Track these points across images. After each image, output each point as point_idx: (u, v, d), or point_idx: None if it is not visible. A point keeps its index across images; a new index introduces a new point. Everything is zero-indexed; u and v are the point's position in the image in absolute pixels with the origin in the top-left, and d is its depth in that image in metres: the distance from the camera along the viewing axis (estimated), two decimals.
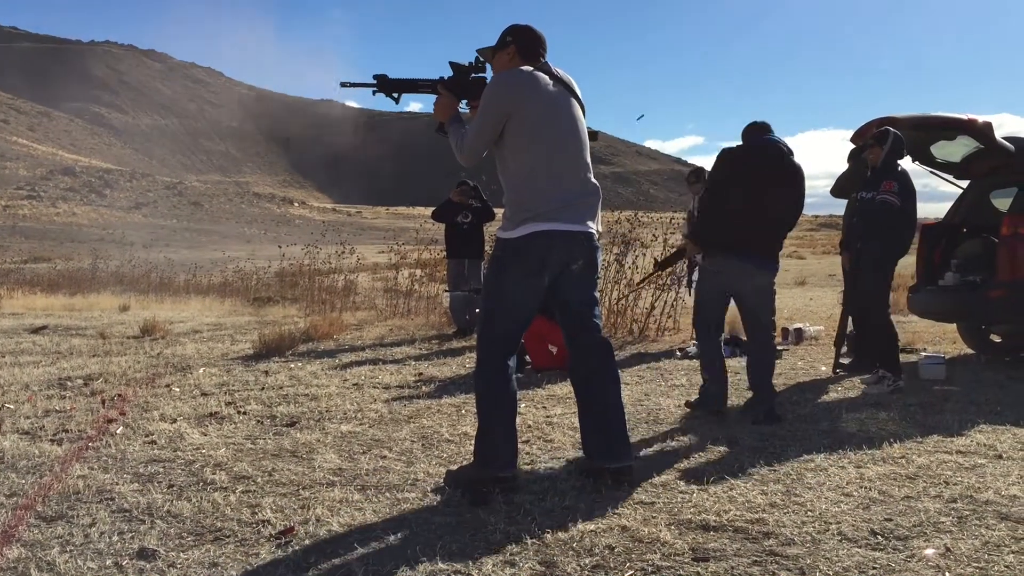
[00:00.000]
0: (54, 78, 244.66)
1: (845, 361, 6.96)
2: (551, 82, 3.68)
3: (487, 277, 3.78)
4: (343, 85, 4.34)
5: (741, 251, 5.13)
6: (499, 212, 10.43)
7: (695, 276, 8.39)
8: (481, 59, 3.92)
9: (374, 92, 4.15)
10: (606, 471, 3.67)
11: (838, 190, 7.32)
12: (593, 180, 3.77)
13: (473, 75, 3.93)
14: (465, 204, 9.93)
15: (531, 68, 3.67)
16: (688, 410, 5.33)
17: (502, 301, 3.68)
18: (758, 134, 5.34)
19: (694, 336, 8.50)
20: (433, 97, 3.95)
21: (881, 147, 6.17)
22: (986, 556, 2.87)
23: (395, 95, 4.15)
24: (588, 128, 3.85)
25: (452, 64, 3.94)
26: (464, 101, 3.92)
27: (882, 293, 6.17)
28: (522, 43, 3.75)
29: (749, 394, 5.34)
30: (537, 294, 3.69)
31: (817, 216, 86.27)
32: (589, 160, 3.79)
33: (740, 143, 5.42)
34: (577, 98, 3.79)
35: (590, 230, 3.70)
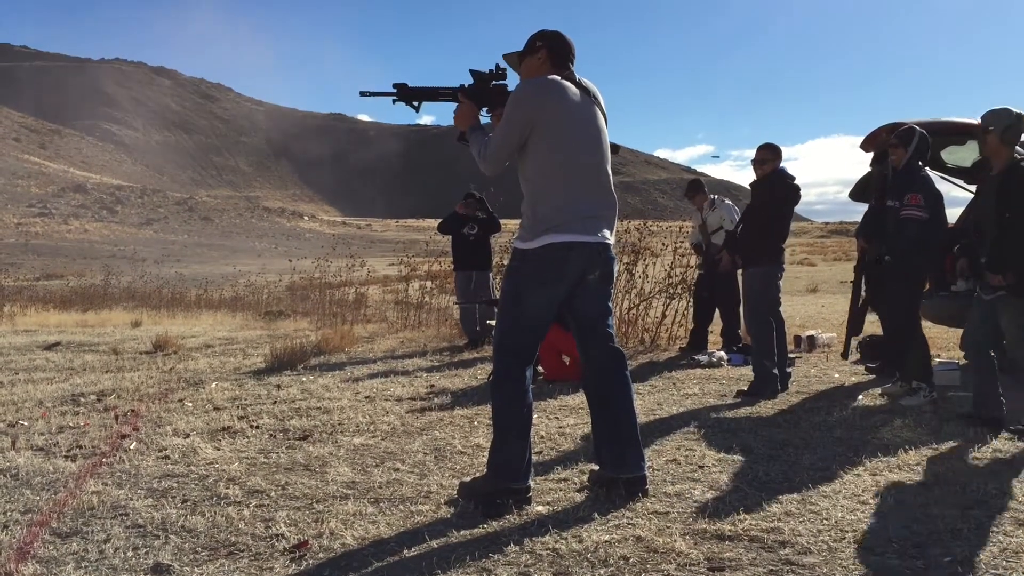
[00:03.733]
0: (65, 96, 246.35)
1: (872, 365, 6.98)
2: (577, 92, 3.65)
3: (504, 288, 3.76)
4: (363, 95, 4.29)
5: (782, 259, 6.49)
6: (505, 222, 10.46)
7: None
8: (502, 67, 3.87)
9: (394, 101, 4.08)
10: (620, 481, 3.65)
11: (857, 193, 7.28)
12: (612, 192, 3.76)
13: (494, 83, 3.88)
14: (471, 216, 9.96)
15: (558, 77, 3.64)
16: (739, 399, 5.99)
17: (520, 312, 3.66)
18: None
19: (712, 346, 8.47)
20: (453, 106, 3.91)
21: (906, 148, 5.78)
22: (1004, 563, 2.85)
23: (415, 104, 4.12)
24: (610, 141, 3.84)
25: (472, 72, 3.88)
26: (484, 109, 3.87)
27: (914, 306, 5.93)
28: (553, 49, 3.70)
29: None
30: (554, 305, 3.68)
31: (827, 223, 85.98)
32: (610, 172, 3.77)
33: (780, 169, 6.46)
34: (601, 108, 3.76)
35: (607, 241, 3.68)
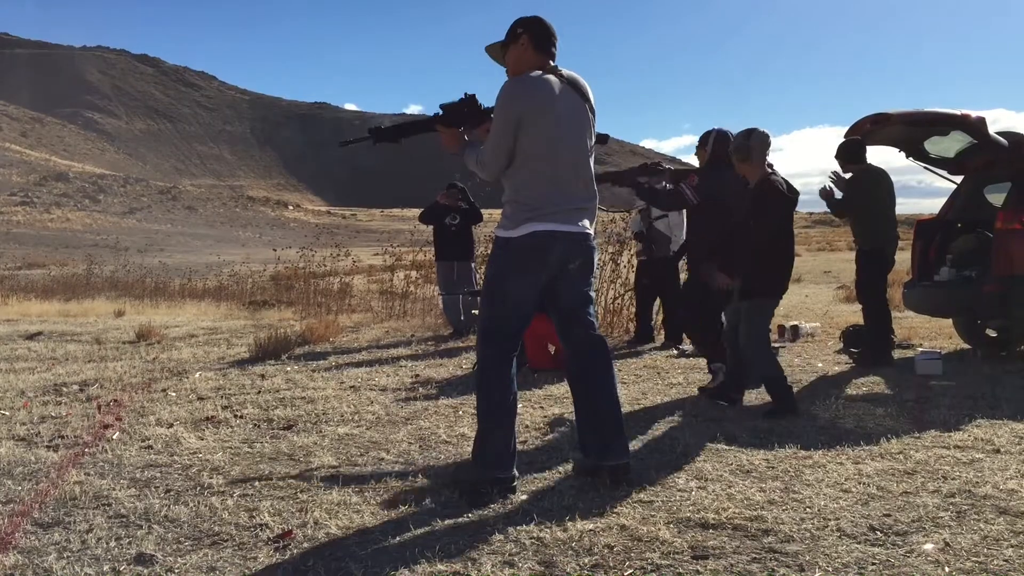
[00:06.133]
0: (47, 84, 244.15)
1: (855, 351, 7.03)
2: (561, 86, 3.64)
3: (487, 277, 3.77)
4: (342, 145, 4.39)
5: None
6: (489, 212, 10.44)
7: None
8: (471, 93, 3.89)
9: (373, 143, 4.15)
10: (604, 469, 3.66)
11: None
12: (593, 184, 3.78)
13: (465, 110, 3.90)
14: (453, 206, 9.95)
15: (540, 73, 3.63)
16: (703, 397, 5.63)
17: (503, 300, 3.68)
18: None
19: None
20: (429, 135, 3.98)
21: (704, 148, 5.92)
22: (985, 550, 2.87)
23: (398, 141, 4.16)
24: (597, 132, 3.85)
25: (443, 106, 3.92)
26: (461, 129, 3.90)
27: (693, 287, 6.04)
28: (534, 34, 3.69)
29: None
30: (537, 293, 3.70)
31: (812, 213, 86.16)
32: (592, 166, 3.79)
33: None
34: (588, 101, 3.76)
35: (587, 230, 3.71)
